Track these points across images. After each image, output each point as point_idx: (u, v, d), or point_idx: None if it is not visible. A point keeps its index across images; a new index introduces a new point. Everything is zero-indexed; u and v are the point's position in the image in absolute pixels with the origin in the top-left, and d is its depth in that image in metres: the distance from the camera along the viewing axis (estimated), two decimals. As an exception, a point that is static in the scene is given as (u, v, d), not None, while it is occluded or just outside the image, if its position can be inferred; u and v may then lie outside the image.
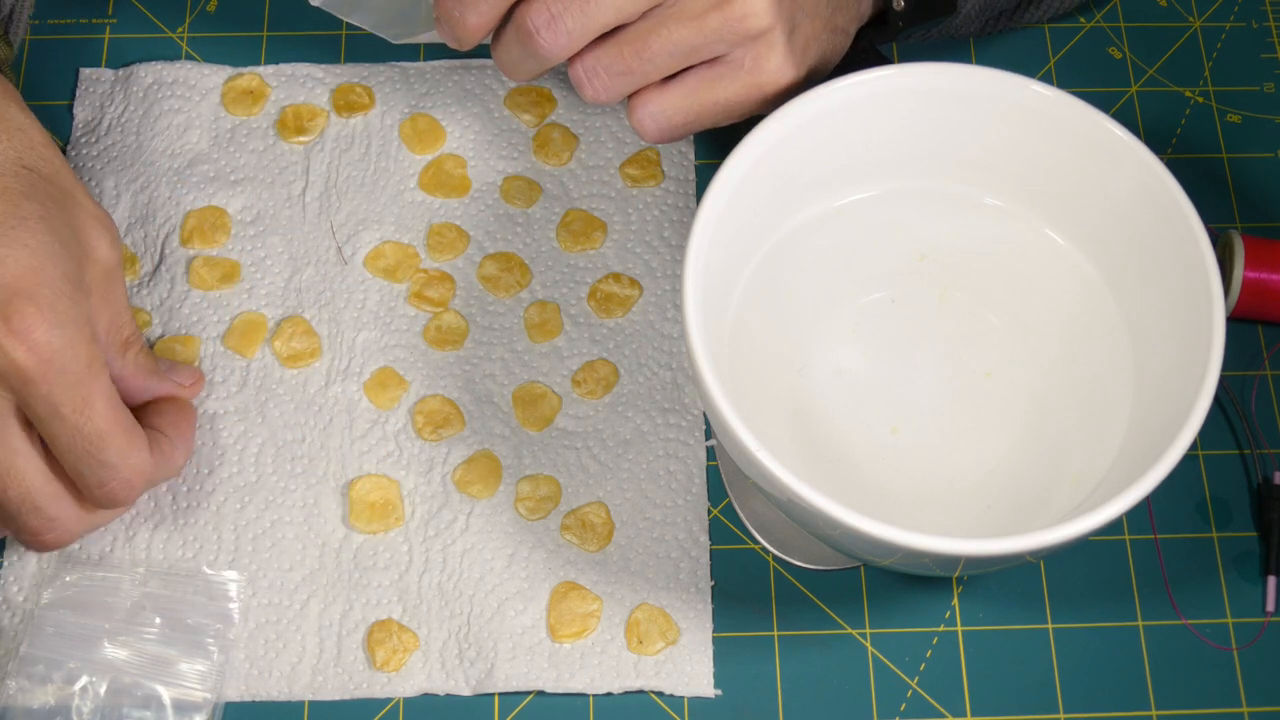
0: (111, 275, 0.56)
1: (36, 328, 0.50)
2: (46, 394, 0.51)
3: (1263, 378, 0.66)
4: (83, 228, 0.55)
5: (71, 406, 0.51)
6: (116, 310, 0.56)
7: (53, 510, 0.53)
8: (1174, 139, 0.71)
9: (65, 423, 0.52)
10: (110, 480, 0.53)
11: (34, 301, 0.50)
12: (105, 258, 0.55)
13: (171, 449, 0.58)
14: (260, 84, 0.69)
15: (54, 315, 0.51)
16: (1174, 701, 0.59)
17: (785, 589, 0.61)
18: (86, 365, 0.52)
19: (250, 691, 0.58)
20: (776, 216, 0.60)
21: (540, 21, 0.56)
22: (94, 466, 0.53)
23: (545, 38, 0.56)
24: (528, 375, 0.64)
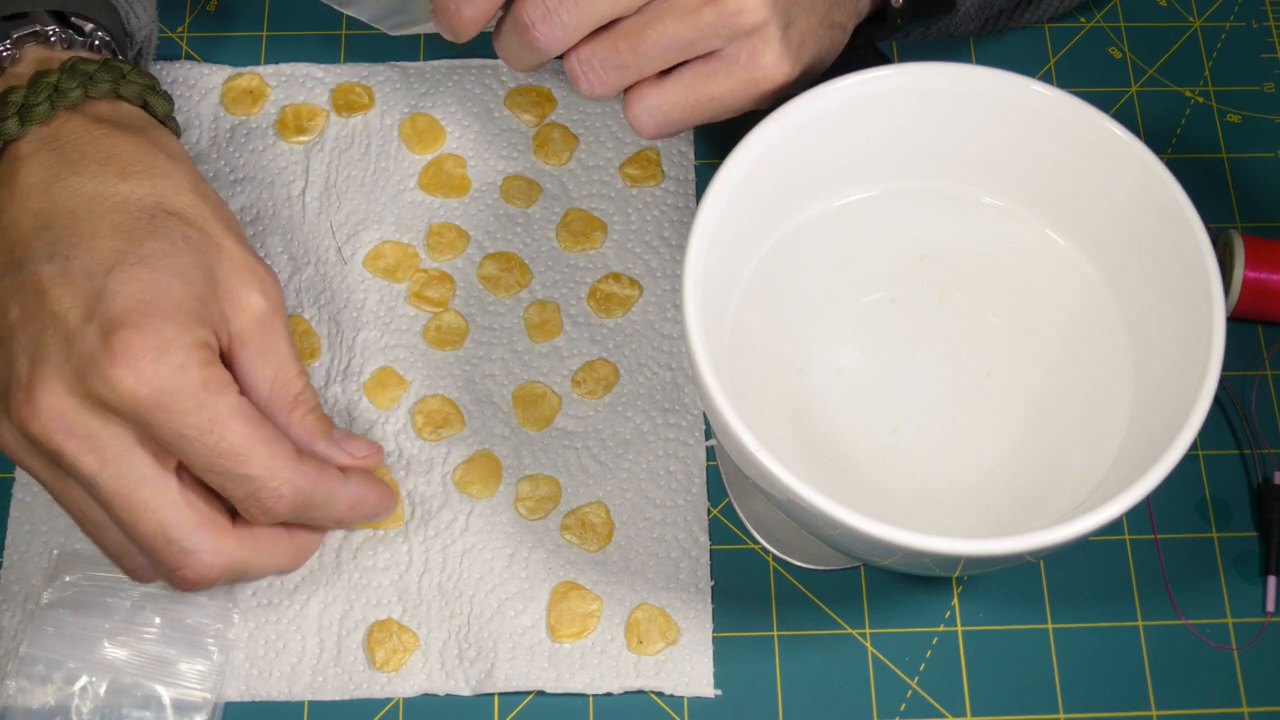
0: (268, 327, 0.55)
1: (142, 356, 0.50)
2: (166, 420, 0.50)
3: (1263, 378, 0.66)
4: (226, 275, 0.54)
5: (198, 428, 0.51)
6: (280, 365, 0.55)
7: (190, 541, 0.52)
8: (1174, 139, 0.71)
9: (195, 444, 0.51)
10: (260, 490, 0.52)
11: (138, 330, 0.50)
12: (257, 308, 0.54)
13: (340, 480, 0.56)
14: (260, 84, 0.69)
15: (159, 342, 0.50)
16: (1174, 701, 0.59)
17: (785, 589, 0.61)
18: (203, 386, 0.51)
19: (250, 691, 0.58)
20: (776, 216, 0.60)
21: (536, 15, 0.57)
22: (239, 480, 0.52)
23: (540, 31, 0.57)
24: (528, 375, 0.64)
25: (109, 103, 0.56)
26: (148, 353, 0.50)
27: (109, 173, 0.54)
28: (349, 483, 0.56)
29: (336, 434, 0.57)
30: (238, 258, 0.55)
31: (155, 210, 0.54)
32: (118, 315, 0.50)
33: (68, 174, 0.53)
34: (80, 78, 0.55)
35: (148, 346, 0.50)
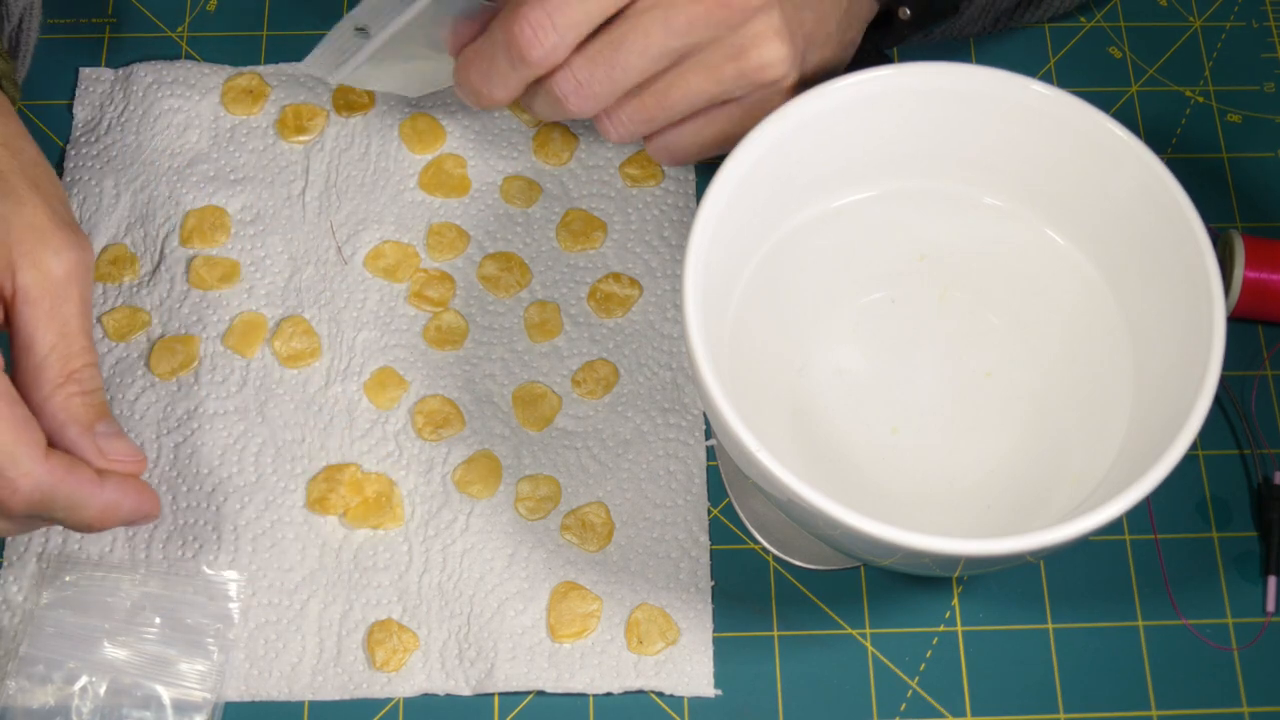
0: (60, 293, 0.52)
1: None
2: None
3: (1263, 378, 0.66)
4: (22, 230, 0.52)
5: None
6: (64, 335, 0.52)
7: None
8: (1174, 139, 0.71)
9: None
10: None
11: None
12: (50, 269, 0.52)
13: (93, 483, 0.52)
14: (260, 83, 0.69)
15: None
16: (1174, 701, 0.59)
17: (785, 589, 0.61)
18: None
19: (250, 691, 0.58)
20: (776, 216, 0.60)
21: (568, 89, 0.58)
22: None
23: (574, 103, 0.58)
24: (528, 375, 0.64)
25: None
26: None
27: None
28: (104, 486, 0.52)
29: (102, 429, 0.53)
30: (40, 215, 0.52)
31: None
32: None
33: None
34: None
35: None
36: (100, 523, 0.53)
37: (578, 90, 0.57)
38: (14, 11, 0.61)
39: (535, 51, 0.56)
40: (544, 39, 0.56)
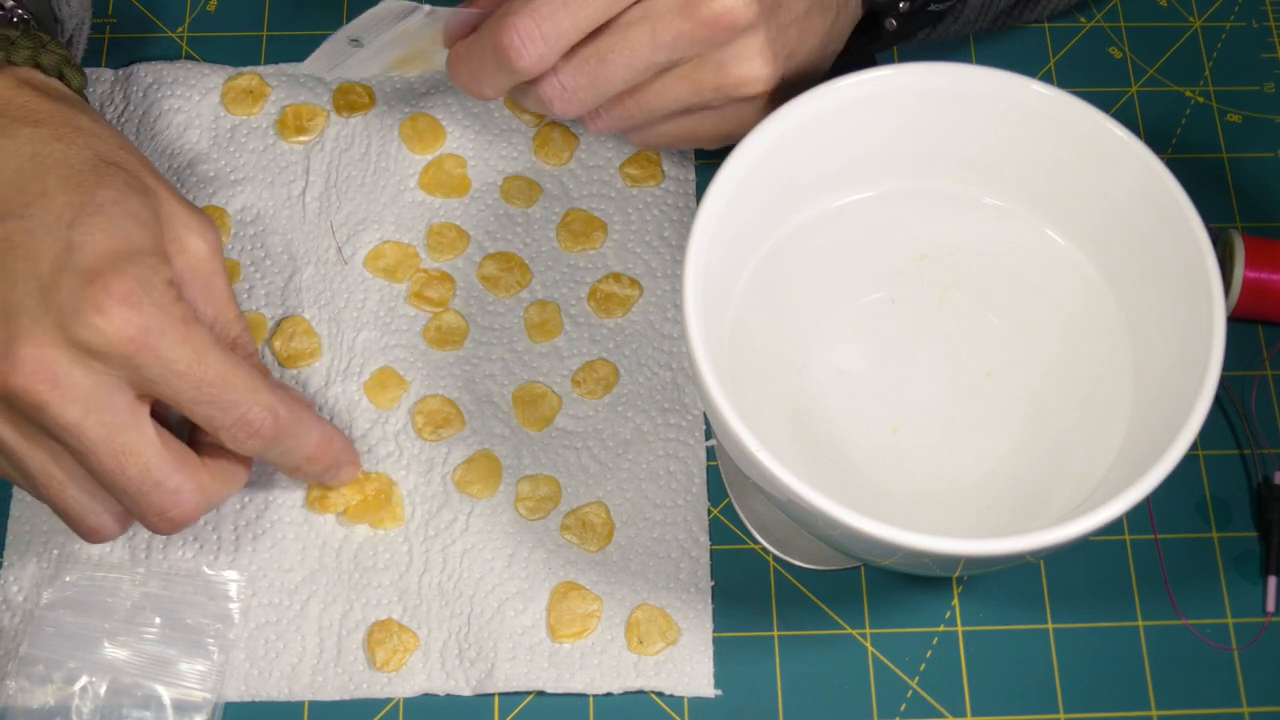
0: (210, 270, 0.56)
1: (126, 298, 0.50)
2: (154, 358, 0.51)
3: (1263, 378, 0.66)
4: (167, 218, 0.55)
5: (185, 362, 0.51)
6: (220, 308, 0.56)
7: (173, 481, 0.53)
8: (1174, 139, 0.71)
9: (185, 377, 0.52)
10: (248, 413, 0.53)
11: (117, 275, 0.51)
12: (197, 251, 0.55)
13: (313, 414, 0.57)
14: (260, 84, 0.69)
15: (138, 284, 0.51)
16: (1174, 701, 0.60)
17: (785, 589, 0.61)
18: (183, 321, 0.52)
19: (250, 691, 0.58)
20: (776, 217, 0.60)
21: (554, 94, 0.59)
22: (227, 407, 0.53)
23: (559, 107, 0.59)
24: (528, 375, 0.64)
25: (28, 71, 0.57)
26: (130, 294, 0.51)
27: (42, 135, 0.54)
28: (320, 420, 0.57)
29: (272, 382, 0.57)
30: (175, 204, 0.56)
31: (96, 162, 0.54)
32: (92, 263, 0.51)
33: (1, 137, 0.54)
34: (2, 42, 0.56)
35: (129, 289, 0.51)
36: (319, 456, 0.57)
37: (562, 95, 0.59)
38: (68, 28, 0.63)
39: (523, 61, 0.57)
40: (532, 49, 0.57)
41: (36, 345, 0.50)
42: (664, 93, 0.59)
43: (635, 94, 0.60)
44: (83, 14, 0.63)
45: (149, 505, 0.53)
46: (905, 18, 0.63)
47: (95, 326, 0.50)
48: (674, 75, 0.59)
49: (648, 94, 0.60)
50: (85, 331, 0.50)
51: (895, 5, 0.62)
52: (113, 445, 0.51)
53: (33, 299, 0.51)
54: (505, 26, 0.56)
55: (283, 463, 0.57)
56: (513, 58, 0.57)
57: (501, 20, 0.57)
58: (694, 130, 0.62)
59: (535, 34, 0.56)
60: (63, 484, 0.53)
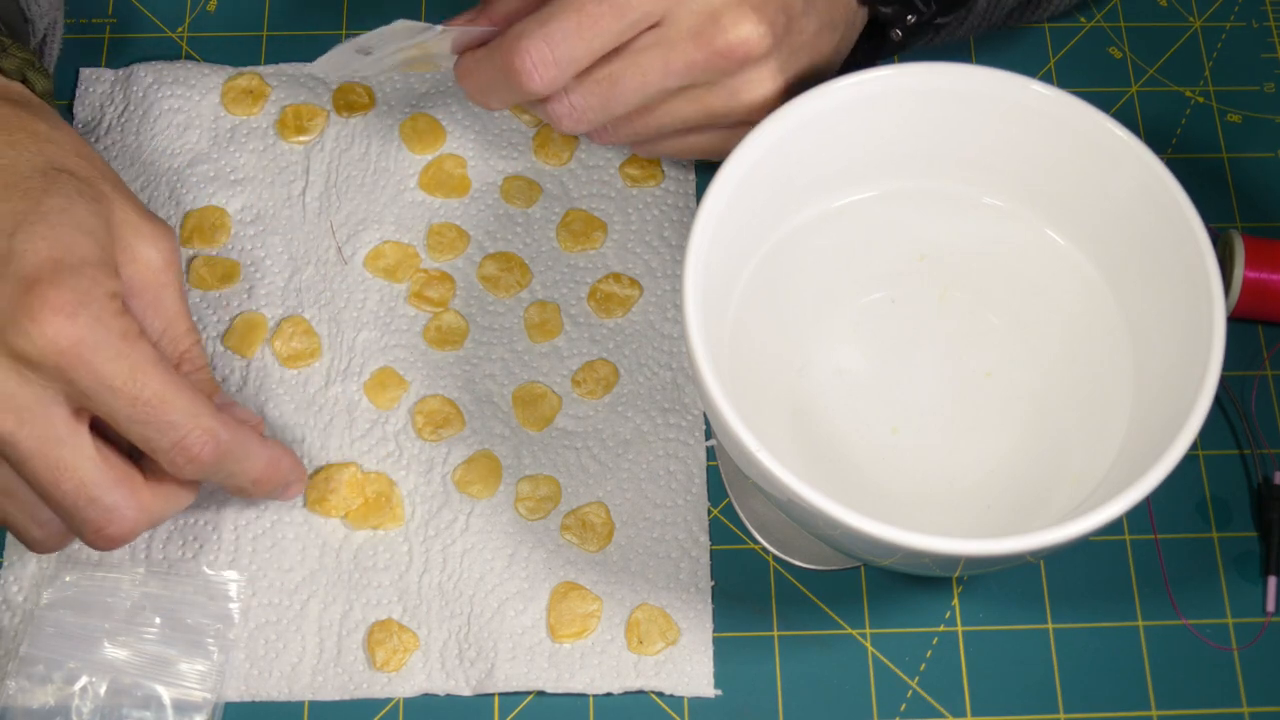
0: (161, 280, 0.55)
1: (61, 309, 0.50)
2: (89, 372, 0.50)
3: (1263, 378, 0.66)
4: (119, 226, 0.54)
5: (121, 378, 0.50)
6: (170, 319, 0.55)
7: (110, 498, 0.52)
8: (1174, 139, 0.71)
9: (119, 394, 0.51)
10: (186, 437, 0.52)
11: (54, 285, 0.50)
12: (149, 261, 0.54)
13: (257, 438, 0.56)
14: (260, 84, 0.69)
15: (76, 295, 0.50)
16: (1174, 701, 0.59)
17: (785, 589, 0.61)
18: (121, 336, 0.51)
19: (250, 691, 0.58)
20: (776, 216, 0.60)
21: (562, 112, 0.59)
22: (163, 429, 0.51)
23: (567, 125, 0.59)
24: (528, 375, 0.64)
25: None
26: (66, 305, 0.50)
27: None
28: (265, 442, 0.56)
29: (218, 400, 0.57)
30: (130, 211, 0.55)
31: (46, 169, 0.54)
32: (31, 272, 0.50)
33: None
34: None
35: (65, 300, 0.50)
36: (266, 479, 0.56)
37: (571, 114, 0.58)
38: (39, 28, 0.62)
39: (535, 85, 0.57)
40: (544, 73, 0.56)
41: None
42: (674, 113, 0.59)
43: (645, 113, 0.60)
44: (54, 13, 0.63)
45: (84, 521, 0.52)
46: (910, 30, 0.63)
47: (29, 335, 0.49)
48: (684, 97, 0.59)
49: (657, 113, 0.60)
50: (20, 340, 0.49)
51: (902, 18, 0.62)
52: (47, 459, 0.51)
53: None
54: (518, 49, 0.56)
55: (227, 485, 0.56)
56: (524, 81, 0.57)
57: (515, 42, 0.56)
58: (702, 145, 0.62)
59: (549, 58, 0.56)
60: (3, 493, 0.52)
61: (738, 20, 0.56)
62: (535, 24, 0.56)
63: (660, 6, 0.55)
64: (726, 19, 0.56)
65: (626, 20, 0.55)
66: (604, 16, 0.55)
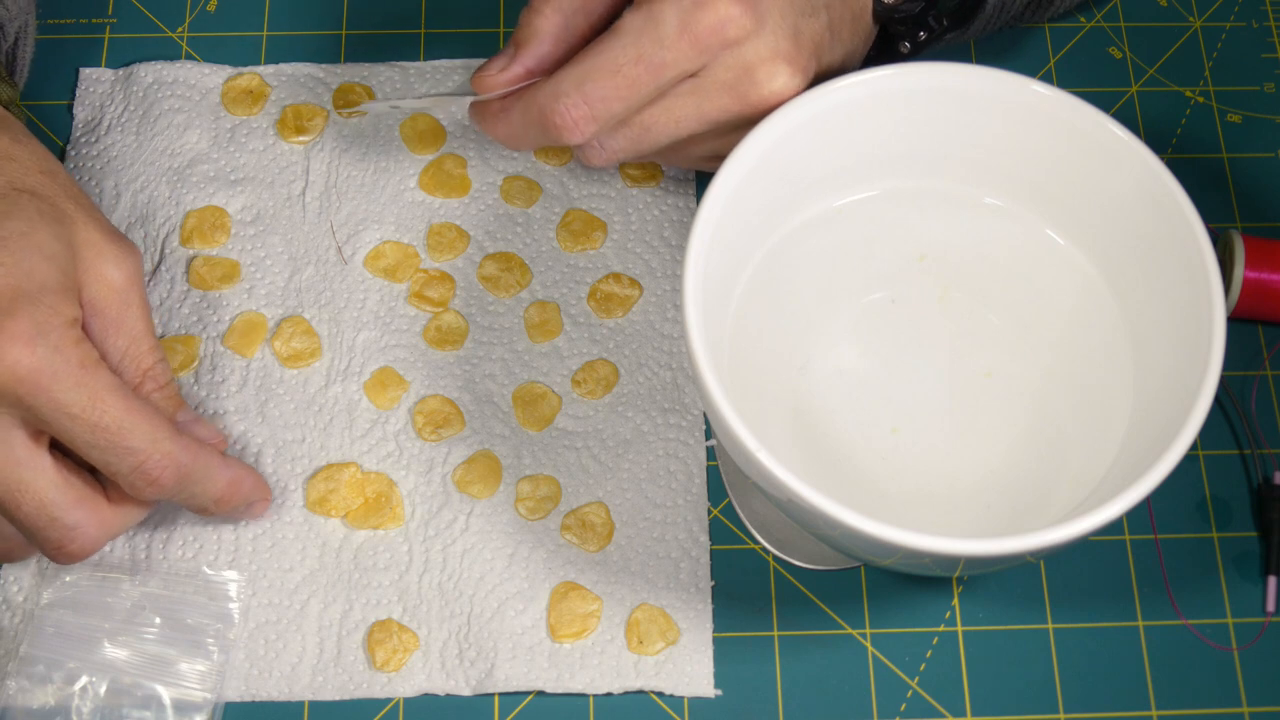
0: (123, 300, 0.55)
1: (17, 339, 0.50)
2: (47, 401, 0.50)
3: (1263, 378, 0.66)
4: (81, 247, 0.54)
5: (79, 405, 0.51)
6: (133, 339, 0.55)
7: (71, 518, 0.52)
8: (1174, 139, 0.71)
9: (79, 421, 0.51)
10: (146, 462, 0.52)
11: (10, 316, 0.50)
12: (112, 281, 0.54)
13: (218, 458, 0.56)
14: (260, 84, 0.69)
15: (33, 324, 0.50)
16: (1174, 701, 0.60)
17: (785, 589, 0.61)
18: (79, 365, 0.51)
19: (250, 691, 0.58)
20: (776, 216, 0.60)
21: (593, 153, 0.58)
22: (123, 454, 0.52)
23: (596, 162, 0.59)
24: (528, 375, 0.64)
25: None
26: (24, 334, 0.50)
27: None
28: (227, 462, 0.56)
29: (183, 416, 0.57)
30: (93, 231, 0.55)
31: (6, 190, 0.54)
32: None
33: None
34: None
35: (23, 329, 0.50)
36: (227, 498, 0.56)
37: (601, 154, 0.58)
38: (10, 31, 0.62)
39: (574, 139, 0.57)
40: (585, 130, 0.56)
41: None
42: (702, 148, 0.60)
43: (674, 149, 0.60)
44: (24, 16, 0.62)
45: (45, 540, 0.53)
46: (920, 44, 0.63)
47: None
48: (714, 133, 0.59)
49: (686, 148, 0.60)
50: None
51: (914, 35, 0.62)
52: (7, 481, 0.51)
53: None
54: (557, 108, 0.56)
55: (189, 504, 0.56)
56: (563, 135, 0.56)
57: (553, 100, 0.56)
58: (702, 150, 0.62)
59: (588, 116, 0.56)
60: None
61: (773, 75, 0.56)
62: (573, 83, 0.55)
63: (696, 63, 0.55)
64: (762, 73, 0.55)
65: (663, 79, 0.55)
66: (642, 77, 0.55)
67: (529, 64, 0.58)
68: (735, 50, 0.55)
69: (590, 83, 0.55)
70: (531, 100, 0.57)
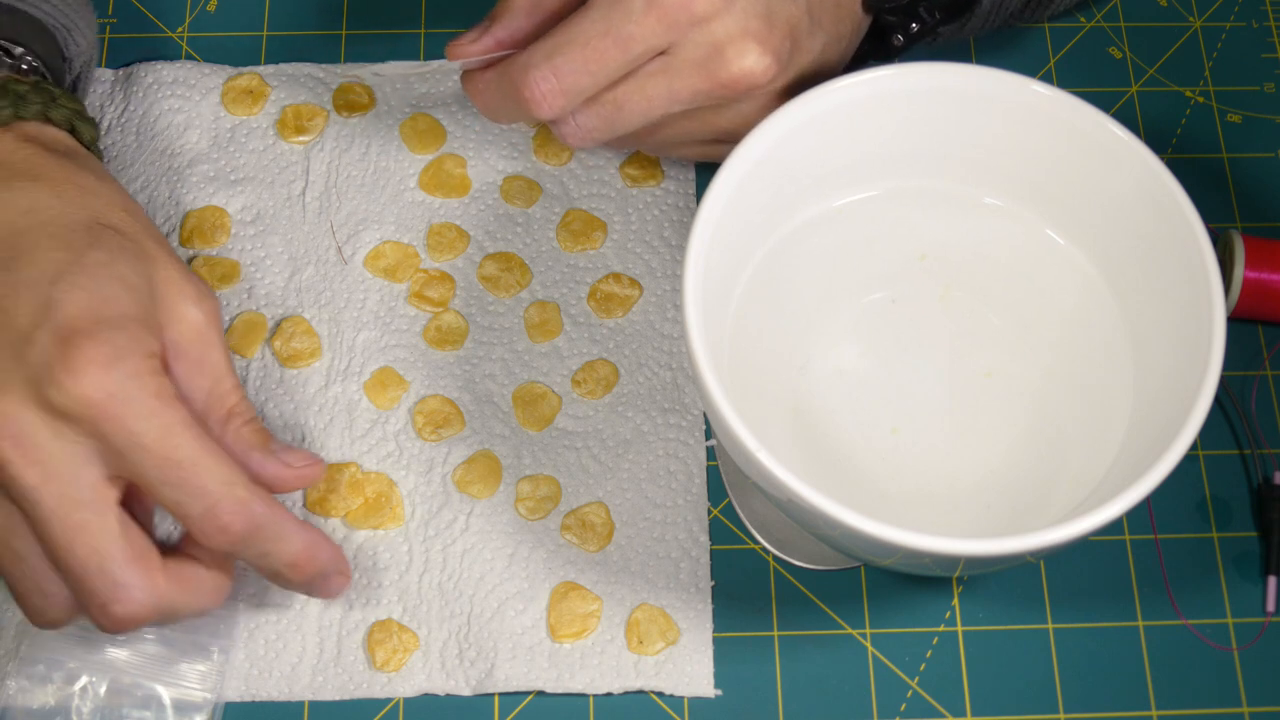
0: (205, 340, 0.54)
1: (96, 361, 0.49)
2: (120, 427, 0.49)
3: (1263, 378, 0.66)
4: (163, 286, 0.54)
5: (153, 436, 0.49)
6: (216, 378, 0.54)
7: (124, 575, 0.50)
8: (1174, 139, 0.71)
9: (151, 453, 0.50)
10: (218, 505, 0.50)
11: (91, 338, 0.49)
12: (193, 321, 0.54)
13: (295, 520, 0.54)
14: (260, 84, 0.69)
15: (113, 349, 0.49)
16: (1174, 701, 0.60)
17: (785, 589, 0.61)
18: (155, 395, 0.50)
19: (250, 691, 0.58)
20: (776, 216, 0.60)
21: (568, 131, 0.59)
22: (195, 494, 0.50)
23: (571, 142, 0.59)
24: (528, 375, 0.64)
25: (36, 125, 0.56)
26: (101, 359, 0.49)
27: (40, 190, 0.53)
28: (304, 526, 0.54)
29: (276, 446, 0.55)
30: (173, 271, 0.54)
31: (91, 223, 0.53)
32: (69, 322, 0.50)
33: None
34: (11, 97, 0.55)
35: (101, 353, 0.49)
36: (303, 563, 0.54)
37: (577, 133, 0.59)
38: (75, 66, 0.62)
39: (543, 113, 0.57)
40: (553, 103, 0.56)
41: (6, 399, 0.49)
42: (679, 130, 0.60)
43: (650, 131, 0.60)
44: (90, 51, 0.63)
45: (93, 593, 0.50)
46: (912, 36, 0.63)
47: (63, 386, 0.48)
48: (689, 117, 0.59)
49: (663, 130, 0.60)
50: (54, 391, 0.49)
51: (905, 26, 0.62)
52: (68, 519, 0.49)
53: (8, 352, 0.49)
54: (526, 80, 0.56)
55: (261, 566, 0.54)
56: (533, 109, 0.57)
57: (523, 73, 0.56)
58: (708, 153, 0.62)
59: (556, 90, 0.56)
60: (17, 556, 0.51)
61: (742, 53, 0.56)
62: (542, 55, 0.56)
63: (665, 38, 0.55)
64: (731, 51, 0.56)
65: (632, 53, 0.56)
66: (610, 50, 0.55)
67: (500, 36, 0.59)
68: (704, 27, 0.55)
69: (559, 55, 0.56)
70: (505, 72, 0.58)
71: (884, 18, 0.62)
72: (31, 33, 0.59)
